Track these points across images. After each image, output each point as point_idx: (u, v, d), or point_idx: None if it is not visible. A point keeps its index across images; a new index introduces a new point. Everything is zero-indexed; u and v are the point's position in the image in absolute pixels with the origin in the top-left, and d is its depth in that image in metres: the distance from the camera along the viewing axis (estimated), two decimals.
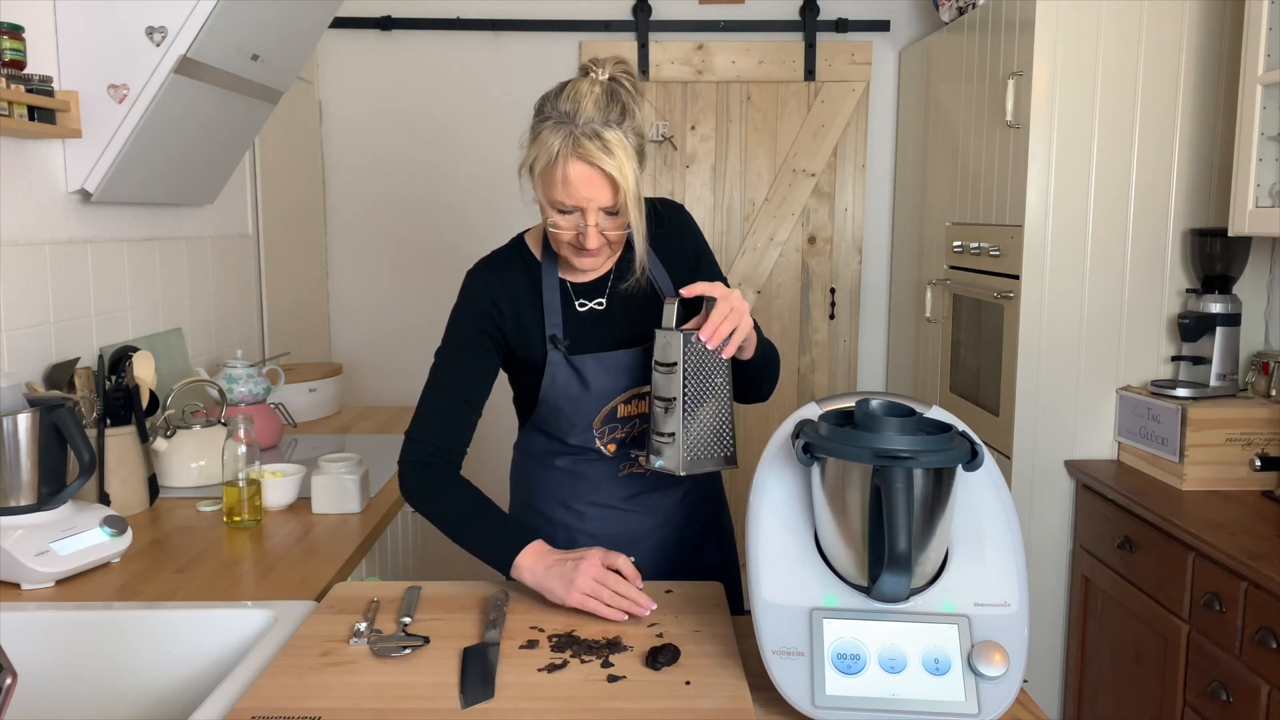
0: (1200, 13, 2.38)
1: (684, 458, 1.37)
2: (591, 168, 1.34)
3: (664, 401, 1.38)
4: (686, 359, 1.36)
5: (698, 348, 1.36)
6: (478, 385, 1.51)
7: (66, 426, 1.56)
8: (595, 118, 1.34)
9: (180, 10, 1.95)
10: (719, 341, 1.33)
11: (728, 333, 1.33)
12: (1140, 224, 2.44)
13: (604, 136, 1.33)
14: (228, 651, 1.37)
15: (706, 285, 1.36)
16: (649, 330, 1.52)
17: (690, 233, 1.59)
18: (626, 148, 1.35)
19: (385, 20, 3.56)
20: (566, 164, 1.34)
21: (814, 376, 3.75)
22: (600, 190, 1.36)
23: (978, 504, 1.15)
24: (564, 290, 1.53)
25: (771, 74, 3.61)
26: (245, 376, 2.33)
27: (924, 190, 3.31)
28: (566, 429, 1.56)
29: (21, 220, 1.91)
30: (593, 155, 1.33)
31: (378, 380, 3.76)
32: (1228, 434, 2.21)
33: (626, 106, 1.37)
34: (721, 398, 1.40)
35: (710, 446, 1.40)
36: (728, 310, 1.34)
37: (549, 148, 1.35)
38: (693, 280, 1.55)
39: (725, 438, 1.41)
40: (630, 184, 1.35)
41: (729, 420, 1.41)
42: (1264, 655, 1.74)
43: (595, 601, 1.32)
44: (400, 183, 3.69)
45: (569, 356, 1.50)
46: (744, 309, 1.35)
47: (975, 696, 1.05)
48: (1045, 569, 2.55)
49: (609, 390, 1.52)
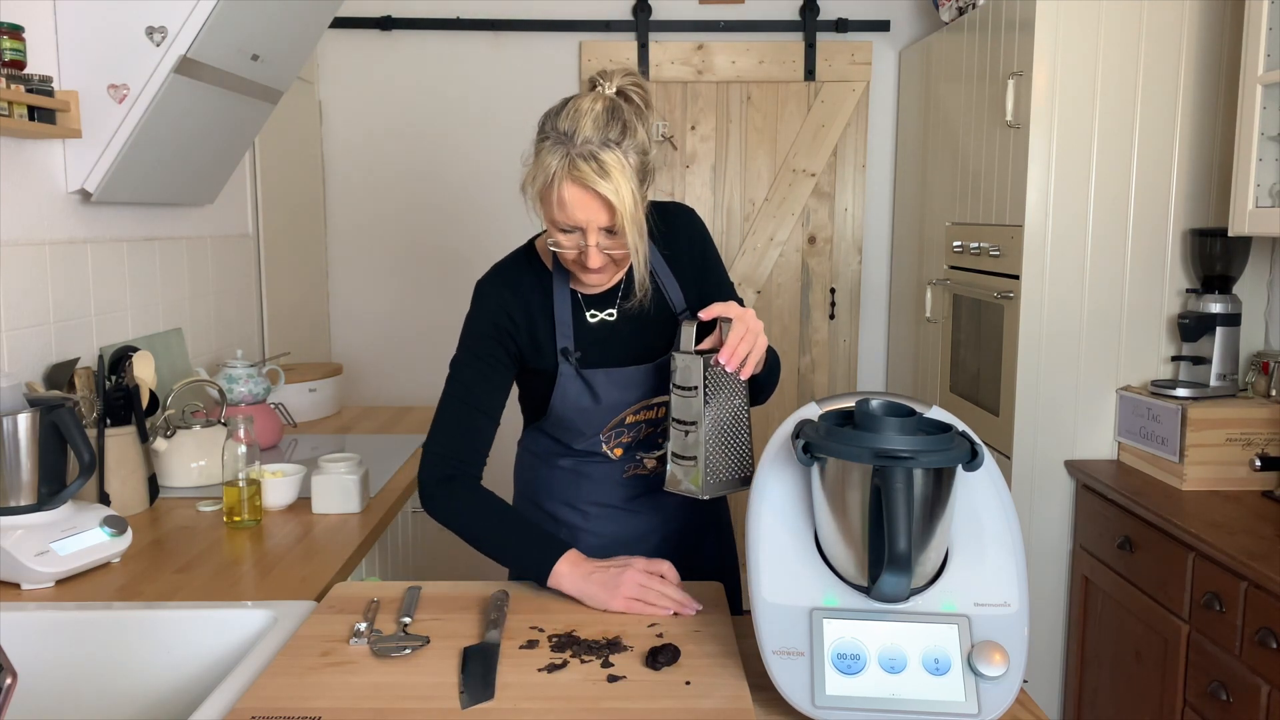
0: (1200, 13, 2.38)
1: (706, 480, 1.37)
2: (586, 190, 1.32)
3: (685, 425, 1.38)
4: (707, 382, 1.35)
5: (717, 371, 1.36)
6: (494, 395, 1.50)
7: (66, 426, 1.56)
8: (593, 138, 1.31)
9: (180, 10, 1.95)
10: (737, 364, 1.33)
11: (745, 354, 1.33)
12: (1140, 224, 2.44)
13: (600, 158, 1.31)
14: (228, 651, 1.37)
15: (722, 306, 1.36)
16: (659, 343, 1.52)
17: (698, 237, 1.59)
18: (625, 168, 1.32)
19: (385, 20, 3.56)
20: (562, 186, 1.33)
21: (814, 376, 3.75)
22: (597, 212, 1.34)
23: (978, 504, 1.15)
24: (575, 301, 1.53)
25: (771, 74, 3.61)
26: (245, 376, 2.33)
27: (924, 190, 3.31)
28: (574, 436, 1.56)
29: (21, 220, 1.91)
30: (587, 178, 1.31)
31: (378, 380, 3.76)
32: (1228, 434, 2.21)
33: (628, 124, 1.34)
34: (740, 419, 1.41)
35: (731, 468, 1.40)
36: (744, 331, 1.34)
37: (546, 168, 1.34)
38: (699, 285, 1.56)
39: (745, 458, 1.41)
40: (627, 206, 1.32)
41: (748, 441, 1.42)
42: (1264, 655, 1.74)
43: (641, 603, 1.34)
44: (400, 182, 3.69)
45: (580, 370, 1.50)
46: (759, 329, 1.35)
47: (975, 696, 1.05)
48: (1045, 569, 2.55)
49: (619, 403, 1.52)
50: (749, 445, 1.42)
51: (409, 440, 2.47)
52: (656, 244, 1.53)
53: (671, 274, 1.55)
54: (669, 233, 1.55)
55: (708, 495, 1.38)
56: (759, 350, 1.35)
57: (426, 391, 3.72)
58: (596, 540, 1.58)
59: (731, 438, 1.40)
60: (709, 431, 1.36)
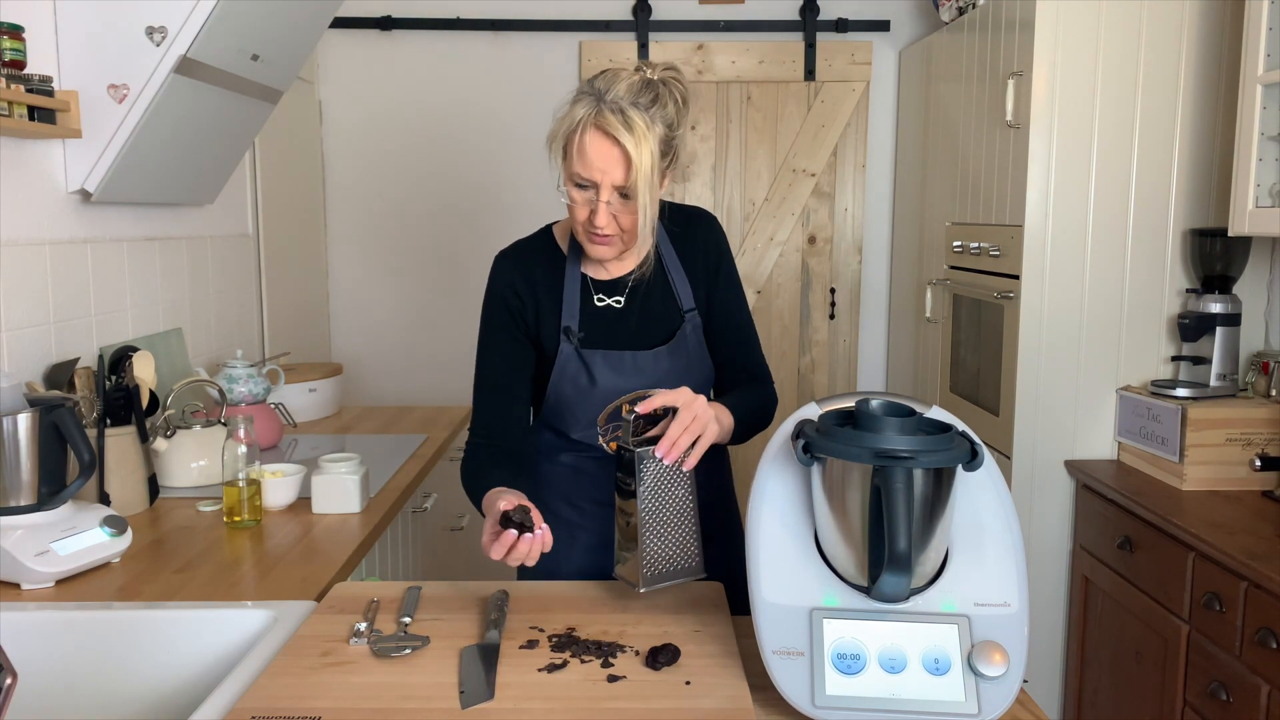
0: (1200, 13, 2.38)
1: (644, 574, 1.32)
2: (608, 140, 1.36)
3: (625, 515, 1.34)
4: (643, 476, 1.31)
5: (656, 464, 1.31)
6: (515, 372, 1.55)
7: (66, 426, 1.56)
8: (624, 97, 1.37)
9: (180, 10, 1.95)
10: (676, 456, 1.30)
11: (688, 445, 1.31)
12: (1140, 224, 2.44)
13: (627, 114, 1.36)
14: (228, 651, 1.37)
15: (667, 396, 1.33)
16: (662, 334, 1.53)
17: (714, 245, 1.59)
18: (648, 129, 1.36)
19: (385, 20, 3.56)
20: (585, 133, 1.37)
21: (814, 376, 3.75)
22: (614, 165, 1.37)
23: (978, 504, 1.15)
24: (584, 285, 1.55)
25: (771, 74, 3.61)
26: (245, 376, 2.32)
27: (924, 190, 3.31)
28: (570, 423, 1.57)
29: (21, 220, 1.91)
30: (611, 126, 1.35)
31: (378, 380, 3.76)
32: (1228, 434, 2.21)
33: (660, 96, 1.40)
34: (684, 511, 1.35)
35: (672, 560, 1.34)
36: (688, 421, 1.31)
37: (573, 116, 1.38)
38: (709, 292, 1.57)
39: (689, 551, 1.35)
40: (644, 163, 1.36)
41: (693, 532, 1.35)
42: (1264, 655, 1.74)
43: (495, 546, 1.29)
44: (400, 182, 3.69)
45: (580, 350, 1.52)
46: (707, 418, 1.32)
47: (975, 696, 1.05)
48: (1045, 569, 2.55)
49: (615, 389, 1.52)
50: (694, 537, 1.36)
51: (409, 440, 2.47)
52: (673, 240, 1.56)
53: (684, 271, 1.56)
54: (687, 232, 1.57)
55: (644, 589, 1.32)
56: (705, 441, 1.32)
57: (426, 391, 3.73)
58: (594, 538, 1.59)
59: (673, 530, 1.34)
60: (647, 523, 1.31)
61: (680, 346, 1.55)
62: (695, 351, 1.56)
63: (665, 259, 1.56)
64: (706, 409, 1.33)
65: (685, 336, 1.55)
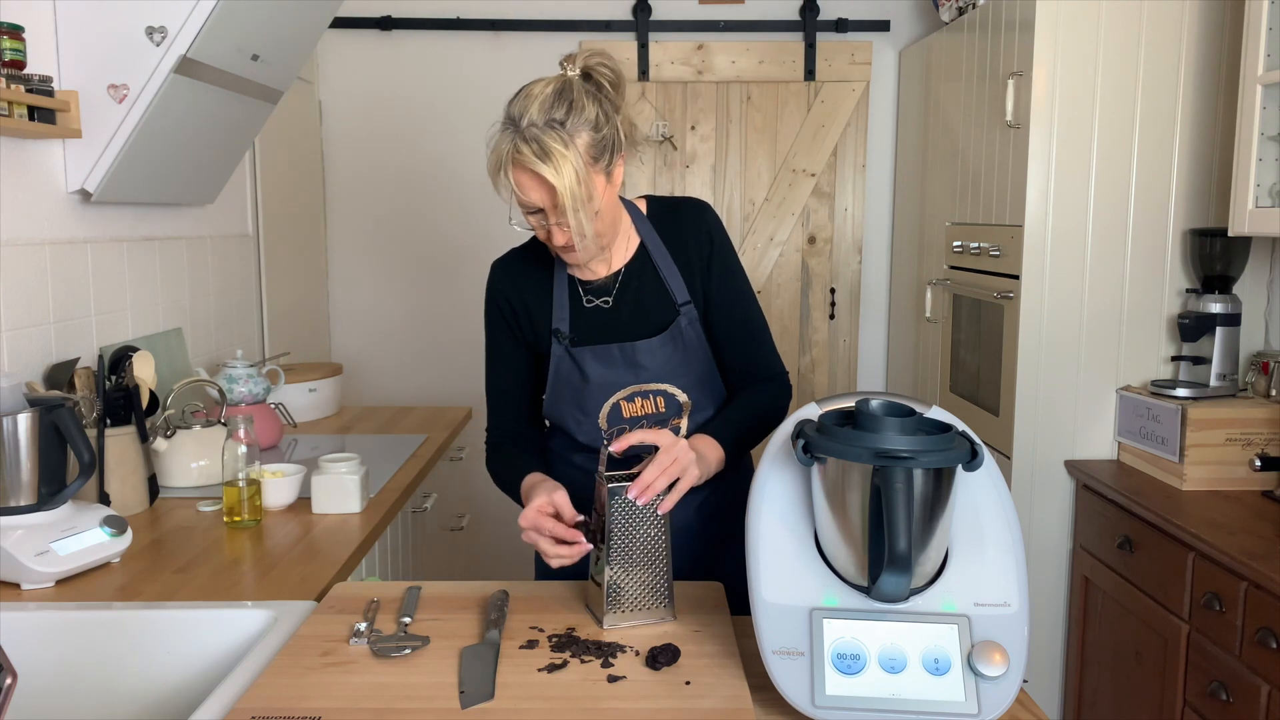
0: (1200, 13, 2.38)
1: (608, 610, 1.30)
2: (527, 172, 1.35)
3: (597, 548, 1.33)
4: (613, 513, 1.29)
5: (626, 503, 1.29)
6: (518, 372, 1.60)
7: (66, 426, 1.56)
8: (538, 120, 1.34)
9: (180, 10, 1.95)
10: (649, 499, 1.29)
11: (664, 487, 1.30)
12: (1140, 224, 2.44)
13: (541, 141, 1.33)
14: (228, 651, 1.37)
15: (643, 434, 1.32)
16: (655, 326, 1.54)
17: (704, 232, 1.57)
18: (567, 148, 1.33)
19: (385, 20, 3.56)
20: (509, 169, 1.37)
21: (814, 376, 3.75)
22: (541, 194, 1.37)
23: (978, 504, 1.15)
24: (573, 287, 1.57)
25: (771, 74, 3.61)
26: (245, 376, 2.32)
27: (924, 190, 3.31)
28: (574, 425, 1.58)
29: (21, 220, 1.91)
30: (528, 160, 1.34)
31: (378, 380, 3.76)
32: (1228, 434, 2.21)
33: (575, 103, 1.35)
34: (654, 552, 1.31)
35: (638, 600, 1.31)
36: (667, 464, 1.30)
37: (498, 153, 1.38)
38: (705, 282, 1.56)
39: (659, 592, 1.32)
40: (567, 185, 1.33)
41: (663, 574, 1.32)
42: (1264, 655, 1.74)
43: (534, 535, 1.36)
44: (400, 183, 3.69)
45: (570, 349, 1.53)
46: (687, 461, 1.31)
47: (975, 696, 1.05)
48: (1045, 569, 2.55)
49: (608, 384, 1.52)
50: (665, 579, 1.32)
51: (409, 440, 2.47)
52: (660, 234, 1.57)
53: (675, 266, 1.55)
54: (674, 223, 1.57)
55: (606, 626, 1.29)
56: (684, 485, 1.31)
57: (427, 391, 3.73)
58: None
59: (642, 571, 1.31)
60: (615, 561, 1.30)
61: (674, 338, 1.54)
62: (693, 344, 1.55)
63: (654, 254, 1.55)
64: (687, 452, 1.32)
65: (680, 329, 1.54)
